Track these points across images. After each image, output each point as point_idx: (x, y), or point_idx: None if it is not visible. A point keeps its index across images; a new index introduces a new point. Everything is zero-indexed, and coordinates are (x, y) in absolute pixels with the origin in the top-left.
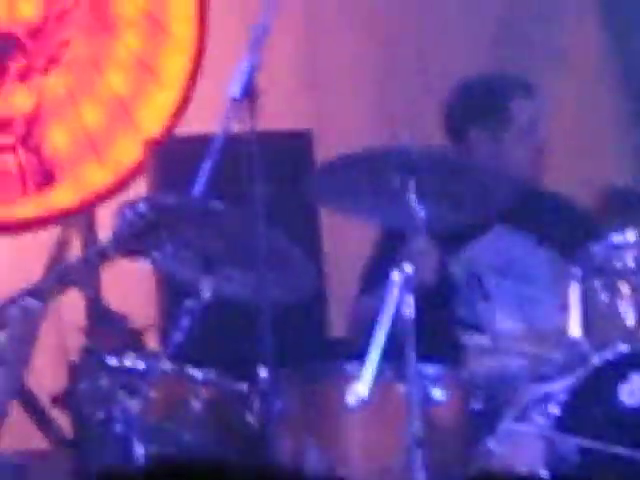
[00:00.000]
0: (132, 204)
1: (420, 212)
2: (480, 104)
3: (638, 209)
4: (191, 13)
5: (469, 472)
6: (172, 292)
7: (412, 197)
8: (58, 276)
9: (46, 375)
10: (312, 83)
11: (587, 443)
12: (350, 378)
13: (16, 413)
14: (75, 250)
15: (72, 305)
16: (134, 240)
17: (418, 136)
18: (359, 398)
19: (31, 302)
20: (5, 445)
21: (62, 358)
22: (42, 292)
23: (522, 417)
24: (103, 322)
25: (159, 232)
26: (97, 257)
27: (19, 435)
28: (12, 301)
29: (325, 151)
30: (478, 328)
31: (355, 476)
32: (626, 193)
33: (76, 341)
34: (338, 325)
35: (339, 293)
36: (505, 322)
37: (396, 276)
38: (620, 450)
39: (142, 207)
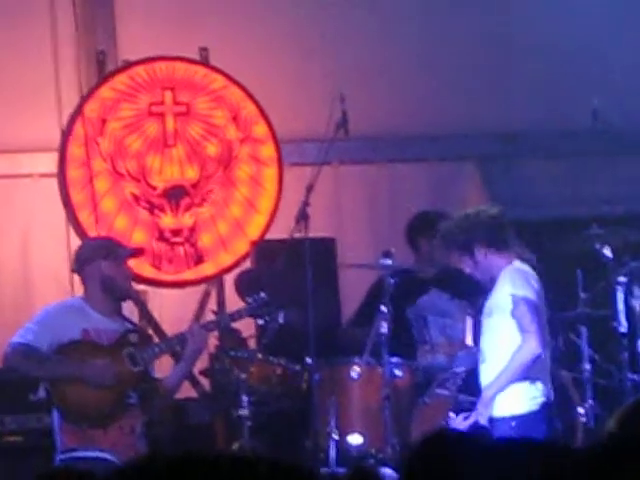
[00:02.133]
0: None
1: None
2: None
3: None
4: (275, 178)
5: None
6: (253, 316)
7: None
8: (217, 321)
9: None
10: (338, 216)
11: (473, 399)
12: (353, 363)
13: None
14: (213, 298)
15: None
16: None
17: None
18: (357, 373)
19: (202, 329)
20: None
21: (205, 352)
22: (207, 327)
23: (441, 385)
24: (228, 334)
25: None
26: (234, 317)
27: (183, 389)
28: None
29: (341, 248)
30: (423, 342)
31: (355, 411)
32: None
33: (213, 344)
34: None
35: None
36: (437, 338)
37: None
38: None
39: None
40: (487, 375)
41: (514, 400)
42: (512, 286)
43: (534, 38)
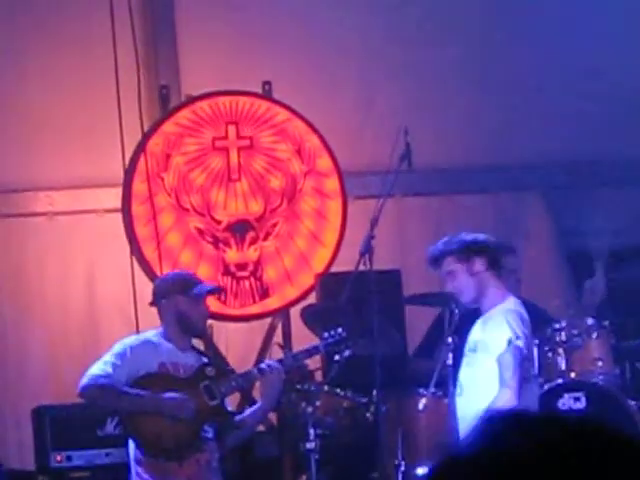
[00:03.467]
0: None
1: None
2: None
3: None
4: (339, 211)
5: None
6: (330, 353)
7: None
8: (292, 358)
9: None
10: (403, 248)
11: None
12: (419, 395)
13: None
14: (279, 331)
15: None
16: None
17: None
18: (424, 406)
19: (279, 366)
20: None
21: None
22: (283, 362)
23: None
24: (295, 368)
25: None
26: (311, 352)
27: None
28: (258, 370)
29: (406, 280)
30: None
31: (422, 442)
32: None
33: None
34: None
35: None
36: None
37: (448, 341)
38: None
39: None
40: (463, 409)
41: None
42: (510, 331)
43: (594, 67)
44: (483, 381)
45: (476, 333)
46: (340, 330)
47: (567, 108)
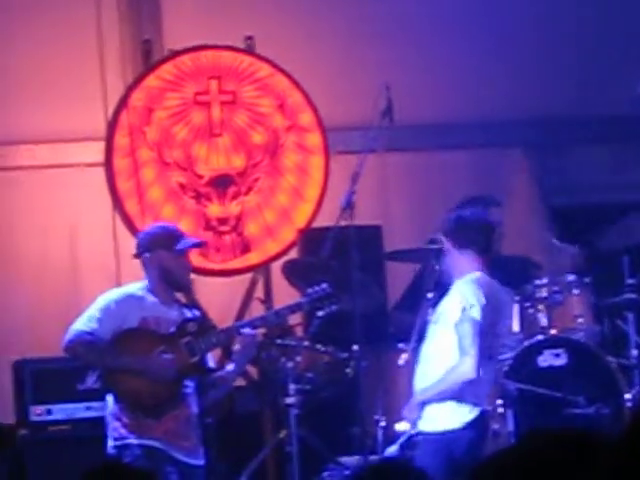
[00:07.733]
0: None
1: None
2: None
3: None
4: (321, 166)
5: None
6: (313, 308)
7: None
8: (275, 314)
9: None
10: (384, 204)
11: (521, 385)
12: (400, 350)
13: None
14: (260, 285)
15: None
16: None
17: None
18: (405, 361)
19: (255, 332)
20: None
21: None
22: (266, 319)
23: None
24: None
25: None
26: (293, 309)
27: None
28: (240, 327)
29: (387, 236)
30: None
31: (402, 398)
32: None
33: (260, 332)
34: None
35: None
36: None
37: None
38: (536, 389)
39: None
40: (419, 380)
41: (438, 417)
42: (464, 299)
43: (576, 23)
44: (441, 354)
45: (440, 305)
46: (325, 286)
47: (550, 62)
